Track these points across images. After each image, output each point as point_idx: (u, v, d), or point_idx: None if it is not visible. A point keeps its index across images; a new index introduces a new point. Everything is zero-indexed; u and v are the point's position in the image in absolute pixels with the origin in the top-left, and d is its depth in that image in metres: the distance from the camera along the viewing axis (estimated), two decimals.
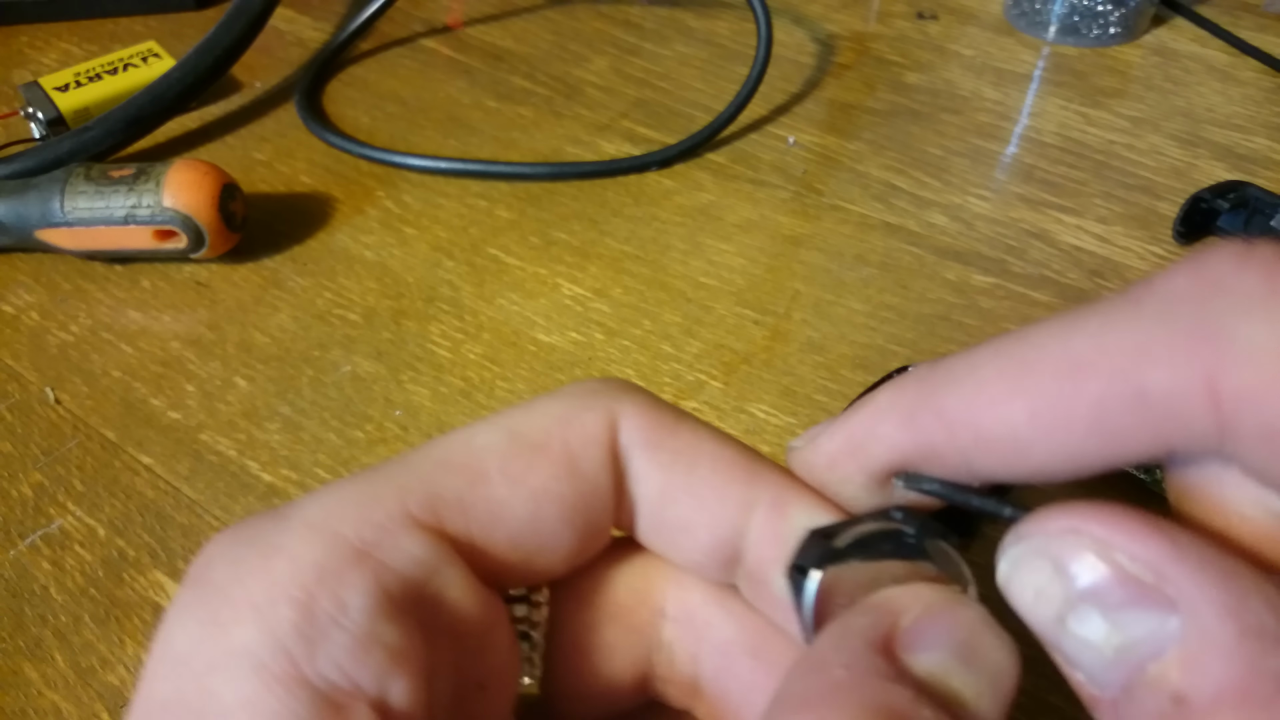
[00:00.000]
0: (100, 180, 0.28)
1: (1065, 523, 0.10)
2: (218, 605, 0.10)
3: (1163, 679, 0.09)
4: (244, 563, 0.10)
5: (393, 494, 0.11)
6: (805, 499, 0.12)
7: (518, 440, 0.12)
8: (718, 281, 0.30)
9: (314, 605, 0.10)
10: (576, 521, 0.12)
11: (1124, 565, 0.09)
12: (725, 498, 0.12)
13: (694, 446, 0.12)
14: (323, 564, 0.10)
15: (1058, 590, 0.10)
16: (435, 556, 0.11)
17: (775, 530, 0.12)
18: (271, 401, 0.26)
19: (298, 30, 0.42)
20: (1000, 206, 0.33)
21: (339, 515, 0.11)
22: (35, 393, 0.26)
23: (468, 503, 0.11)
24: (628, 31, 0.42)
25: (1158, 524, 0.10)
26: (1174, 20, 0.43)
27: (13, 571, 0.22)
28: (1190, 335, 0.09)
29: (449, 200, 0.33)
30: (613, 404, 0.12)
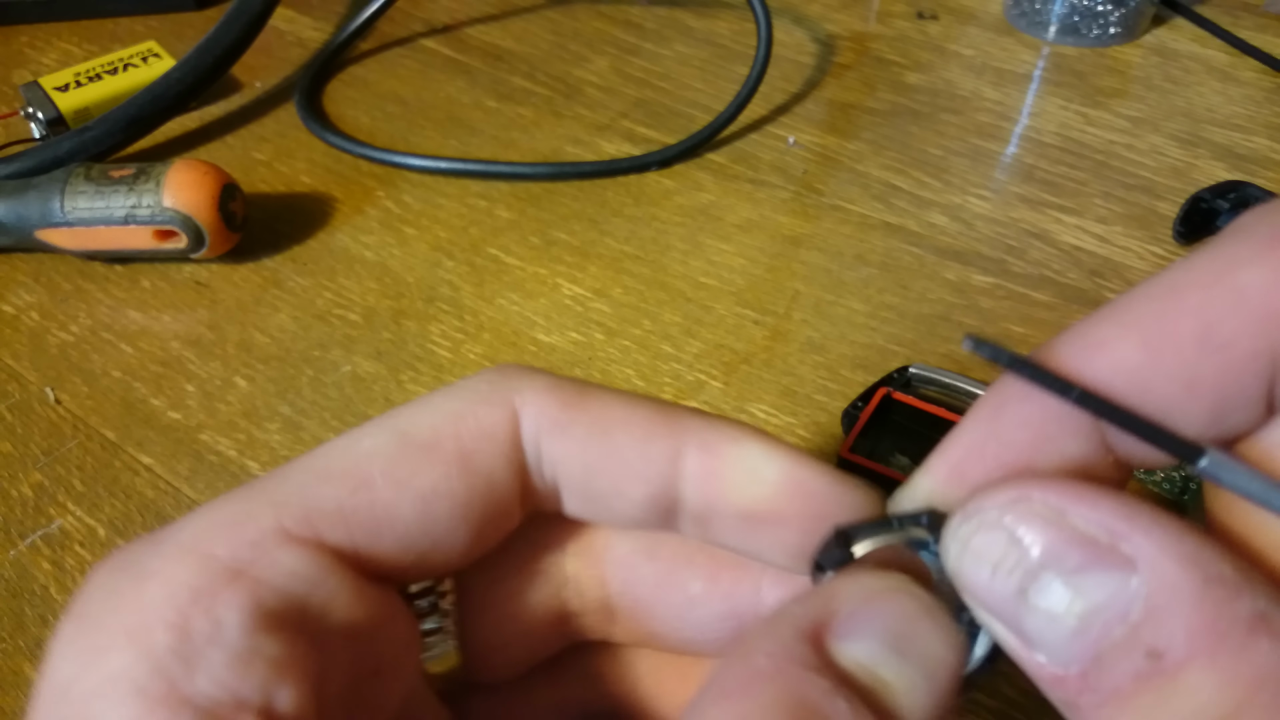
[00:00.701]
0: (100, 180, 0.28)
1: (1013, 492, 0.10)
2: (94, 634, 0.10)
3: (1133, 638, 0.09)
4: (118, 591, 0.10)
5: (266, 510, 0.11)
6: (732, 435, 0.12)
7: (405, 442, 0.12)
8: (718, 281, 0.30)
9: (189, 626, 0.10)
10: (472, 518, 0.12)
11: (1079, 527, 0.09)
12: (649, 456, 0.12)
13: (604, 415, 0.12)
14: (195, 585, 0.10)
15: (1016, 561, 0.10)
16: (313, 569, 0.11)
17: (711, 471, 0.12)
18: (271, 401, 0.26)
19: (298, 30, 0.42)
20: (1000, 206, 0.33)
21: (211, 536, 0.11)
22: (35, 393, 0.26)
23: (348, 511, 0.11)
24: (628, 31, 0.42)
25: (1104, 488, 0.10)
26: (1174, 20, 0.43)
27: (13, 571, 0.22)
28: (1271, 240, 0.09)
29: (449, 200, 0.33)
30: (510, 394, 0.12)
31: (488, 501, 0.12)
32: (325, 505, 0.11)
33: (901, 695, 0.10)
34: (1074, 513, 0.09)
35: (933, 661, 0.10)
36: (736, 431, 0.12)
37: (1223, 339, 0.09)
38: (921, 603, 0.11)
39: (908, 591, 0.11)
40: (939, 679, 0.10)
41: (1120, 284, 0.30)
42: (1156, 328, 0.10)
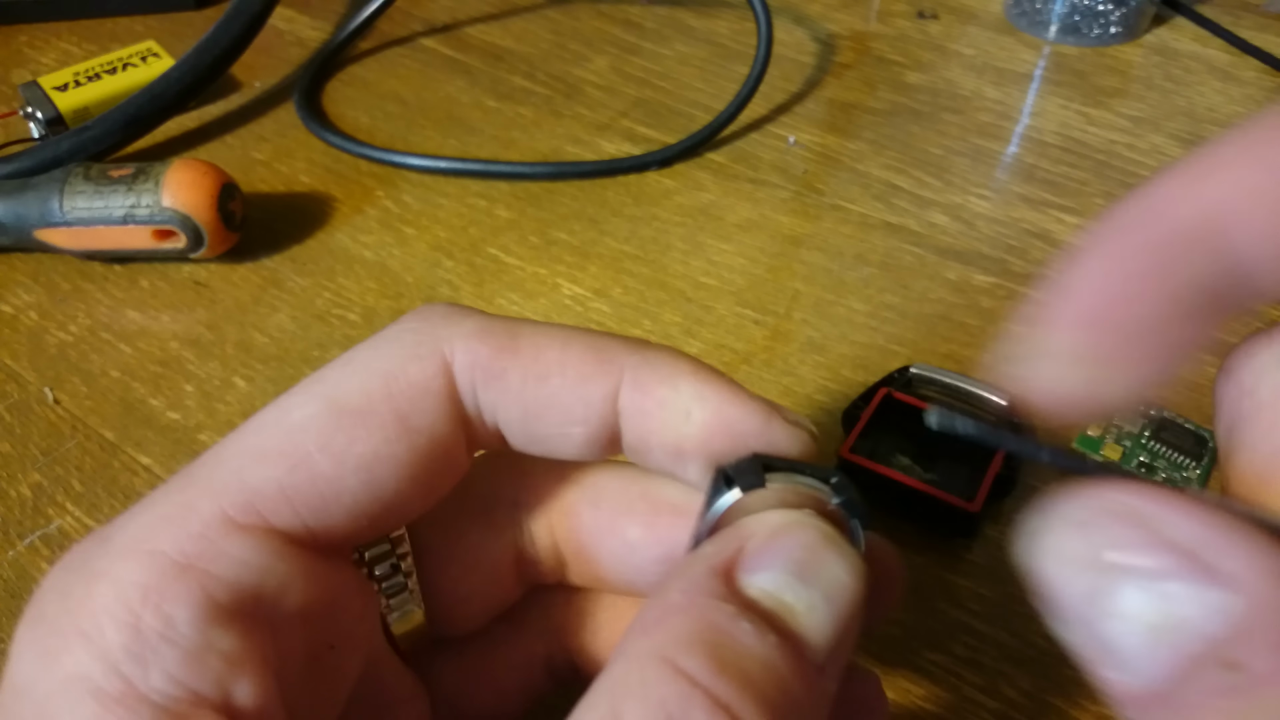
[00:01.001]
0: (99, 180, 0.28)
1: (1105, 496, 0.09)
2: (48, 636, 0.10)
3: (1219, 654, 0.08)
4: (70, 592, 0.10)
5: (207, 500, 0.11)
6: (664, 373, 0.12)
7: (338, 409, 0.11)
8: (718, 281, 0.30)
9: (140, 624, 0.10)
10: (419, 476, 0.12)
11: (1168, 534, 0.09)
12: (586, 399, 0.12)
13: (538, 357, 0.12)
14: (144, 583, 0.10)
15: (1091, 561, 0.09)
16: (262, 555, 0.11)
17: (644, 410, 0.12)
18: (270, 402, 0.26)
19: (297, 30, 0.42)
20: (1001, 206, 0.33)
21: (155, 531, 0.10)
22: (34, 393, 0.26)
23: (290, 490, 0.11)
24: (628, 31, 0.42)
25: (1197, 499, 0.09)
26: (1174, 20, 0.43)
27: (12, 572, 0.22)
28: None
29: (448, 200, 0.33)
30: (439, 344, 0.12)
31: (432, 457, 0.12)
32: (266, 487, 0.11)
33: (804, 616, 0.11)
34: (1165, 521, 0.09)
35: (834, 584, 0.11)
36: (669, 368, 0.12)
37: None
38: (822, 532, 0.11)
39: (810, 524, 0.11)
40: (840, 601, 0.11)
41: None
42: (1265, 153, 0.09)
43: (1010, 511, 0.23)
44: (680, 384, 0.12)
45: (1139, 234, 0.10)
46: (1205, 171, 0.10)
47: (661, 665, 0.10)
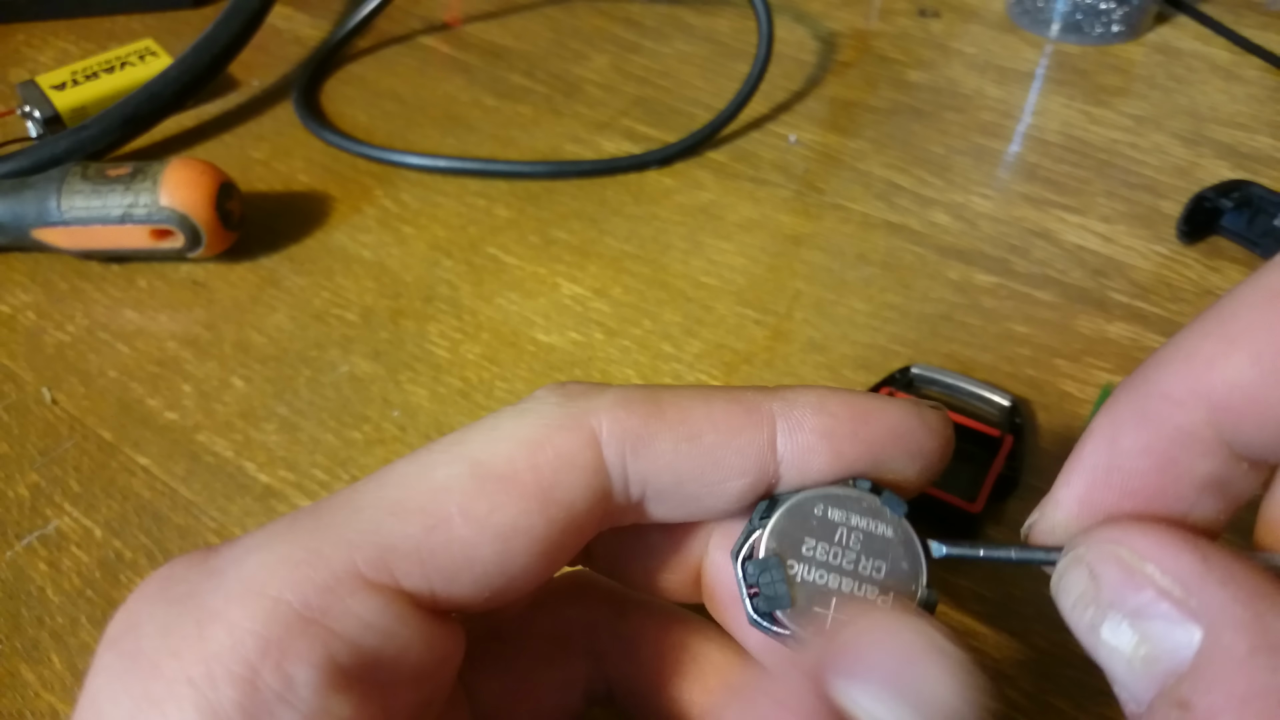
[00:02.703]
0: (97, 179, 0.28)
1: (1109, 534, 0.10)
2: (150, 679, 0.09)
3: (1176, 689, 0.09)
4: (176, 630, 0.09)
5: (340, 549, 0.10)
6: (812, 406, 0.12)
7: (482, 473, 0.11)
8: (718, 281, 0.30)
9: (258, 682, 0.09)
10: (551, 552, 0.11)
11: (1154, 577, 0.10)
12: (742, 448, 0.12)
13: (685, 418, 0.12)
14: (264, 634, 0.09)
15: (1092, 597, 0.10)
16: (389, 618, 0.10)
17: (806, 448, 0.12)
18: (269, 402, 0.26)
19: (295, 28, 0.42)
20: (1003, 205, 0.32)
21: (280, 576, 0.10)
22: (32, 393, 0.26)
23: (425, 552, 0.10)
24: (628, 29, 0.42)
25: (1194, 541, 0.10)
26: (1177, 18, 0.42)
27: (9, 573, 0.22)
28: None
29: (447, 199, 0.33)
30: (585, 416, 0.12)
31: (566, 532, 0.11)
32: (401, 545, 0.10)
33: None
34: (1155, 562, 0.10)
35: (933, 704, 0.10)
36: (815, 399, 0.12)
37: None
38: (925, 640, 0.10)
39: (912, 628, 0.10)
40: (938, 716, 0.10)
41: (1124, 283, 0.30)
42: (1266, 340, 0.10)
43: (1012, 512, 0.23)
44: (833, 408, 0.12)
45: (1142, 433, 0.11)
46: (1209, 359, 0.10)
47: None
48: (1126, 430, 0.11)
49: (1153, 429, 0.11)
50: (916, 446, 0.13)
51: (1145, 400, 0.11)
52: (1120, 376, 0.26)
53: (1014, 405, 0.24)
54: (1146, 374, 0.11)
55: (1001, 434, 0.23)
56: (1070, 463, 0.11)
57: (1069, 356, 0.27)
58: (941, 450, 0.13)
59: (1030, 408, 0.25)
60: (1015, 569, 0.21)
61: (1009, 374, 0.26)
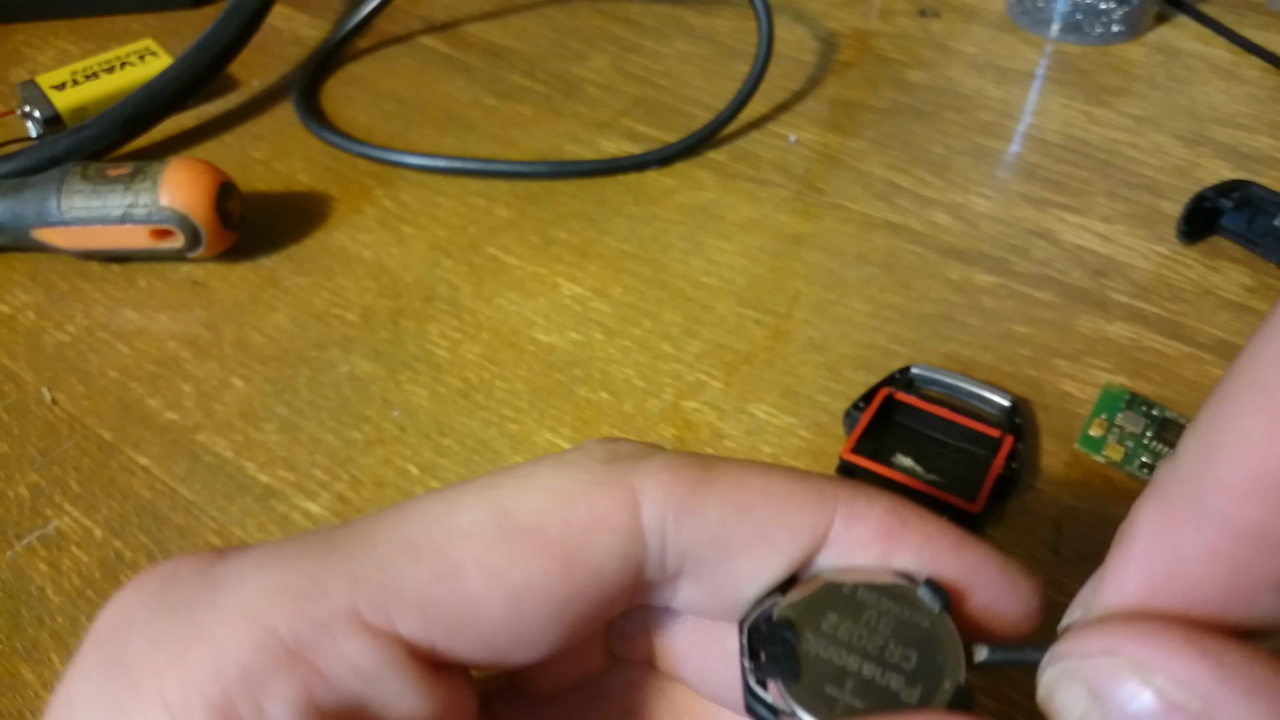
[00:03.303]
0: (97, 179, 0.28)
1: (1102, 640, 0.09)
2: (125, 691, 0.09)
3: None
4: (161, 643, 0.09)
5: (342, 584, 0.10)
6: (877, 499, 0.11)
7: (505, 524, 0.10)
8: (718, 281, 0.30)
9: (231, 712, 0.09)
10: (569, 619, 0.10)
11: (1167, 692, 0.08)
12: (797, 531, 0.11)
13: (737, 490, 0.11)
14: (247, 663, 0.09)
15: (1096, 718, 0.09)
16: (380, 665, 0.09)
17: (855, 541, 0.11)
18: (269, 402, 0.26)
19: (295, 28, 0.42)
20: (1003, 205, 0.32)
21: (276, 604, 0.09)
22: (32, 393, 0.26)
23: (431, 602, 0.10)
24: (628, 29, 0.42)
25: (1201, 640, 0.09)
26: (1177, 18, 0.42)
27: (9, 573, 0.22)
28: None
29: (447, 199, 0.33)
30: (630, 475, 0.11)
31: (589, 600, 0.10)
32: (406, 589, 0.10)
33: None
34: (1164, 673, 0.08)
35: None
36: (879, 499, 0.11)
37: None
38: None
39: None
40: None
41: (1124, 283, 0.29)
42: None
43: (1012, 512, 0.23)
44: (904, 515, 0.11)
45: (1204, 534, 0.09)
46: (1265, 439, 0.08)
47: None
48: (1185, 531, 0.09)
49: (1216, 529, 0.09)
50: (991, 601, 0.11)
51: (1202, 494, 0.09)
52: (1120, 376, 0.26)
53: (1014, 405, 0.24)
54: (1194, 462, 0.09)
55: (1001, 434, 0.23)
56: (1119, 563, 0.10)
57: (1069, 356, 0.27)
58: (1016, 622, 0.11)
59: (1030, 408, 0.25)
60: None
61: (1009, 374, 0.26)
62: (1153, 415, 0.24)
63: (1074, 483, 0.23)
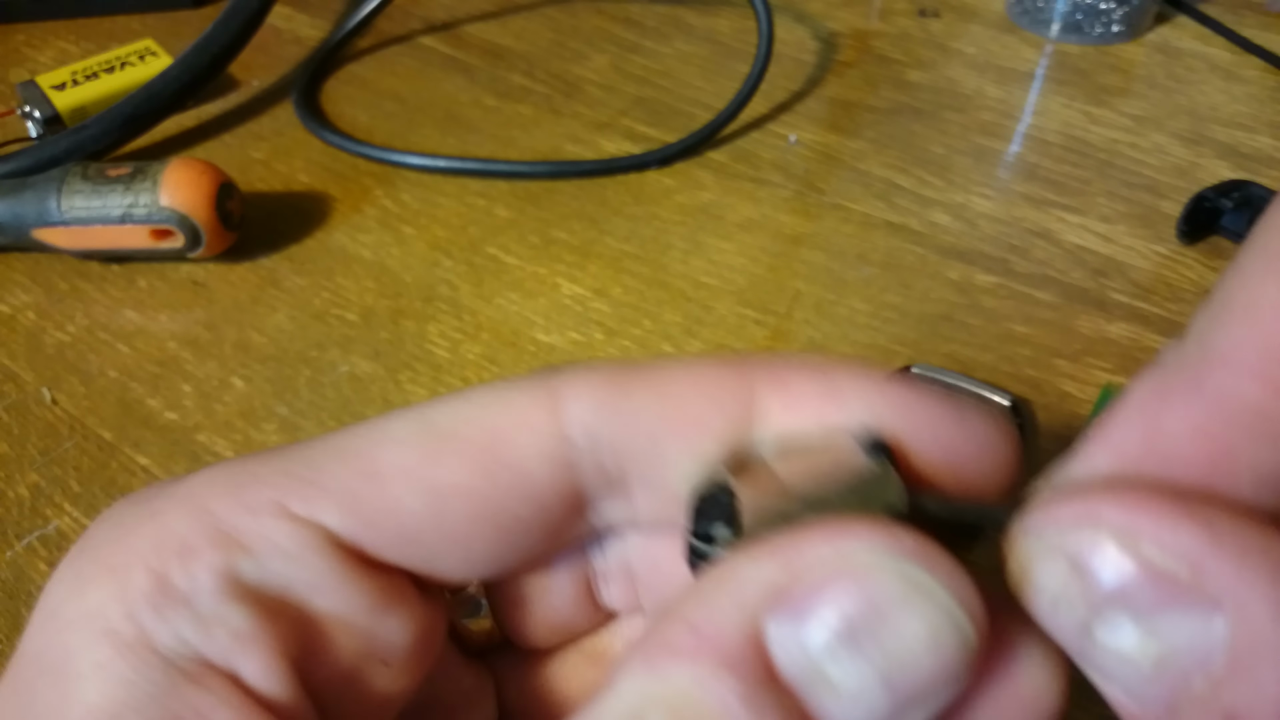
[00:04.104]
0: (97, 179, 0.28)
1: (1080, 508, 0.08)
2: (84, 565, 0.10)
3: (1213, 696, 0.07)
4: (123, 525, 0.10)
5: (275, 478, 0.10)
6: (805, 367, 0.11)
7: (427, 430, 0.11)
8: (718, 281, 0.30)
9: (167, 576, 0.10)
10: (499, 521, 0.11)
11: (1154, 560, 0.08)
12: (722, 407, 0.10)
13: (659, 379, 0.11)
14: (184, 537, 0.10)
15: (1079, 595, 0.08)
16: (302, 550, 0.10)
17: (789, 409, 0.10)
18: (269, 402, 0.26)
19: (295, 28, 0.42)
20: (1003, 205, 0.33)
21: (214, 492, 0.10)
22: (32, 393, 0.26)
23: (353, 497, 0.10)
24: (628, 29, 0.42)
25: (1190, 505, 0.08)
26: (1177, 18, 0.42)
27: (9, 573, 0.22)
28: None
29: (447, 199, 0.33)
30: (553, 381, 0.11)
31: (517, 500, 0.11)
32: (330, 485, 0.10)
33: (841, 700, 0.08)
34: (1151, 539, 0.08)
35: (901, 659, 0.08)
36: (807, 366, 0.10)
37: None
38: (910, 580, 0.08)
39: (892, 567, 0.08)
40: (907, 684, 0.08)
41: (1124, 283, 0.29)
42: None
43: None
44: (837, 379, 0.10)
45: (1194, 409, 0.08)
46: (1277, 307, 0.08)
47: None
48: (1175, 404, 0.08)
49: (1209, 405, 0.08)
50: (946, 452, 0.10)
51: (1201, 366, 0.08)
52: (1120, 377, 0.26)
53: (1014, 405, 0.24)
54: (1198, 337, 0.08)
55: None
56: (1096, 435, 0.09)
57: (1069, 356, 0.27)
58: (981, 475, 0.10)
59: (1030, 407, 0.25)
60: None
61: (1009, 374, 0.26)
62: None
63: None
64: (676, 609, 0.09)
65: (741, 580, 0.09)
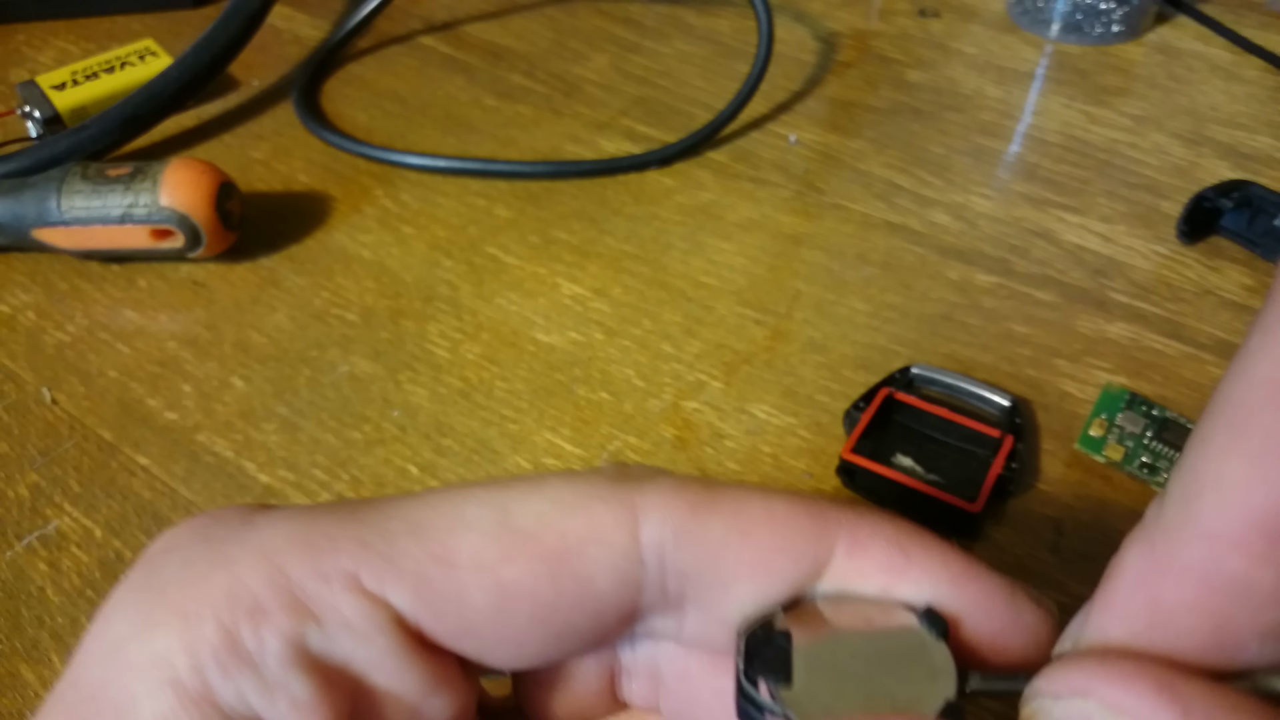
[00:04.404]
0: (97, 179, 0.28)
1: (1074, 683, 0.09)
2: (154, 603, 0.10)
3: None
4: (192, 566, 0.10)
5: (350, 546, 0.10)
6: (881, 528, 0.11)
7: (504, 523, 0.11)
8: (718, 281, 0.30)
9: (237, 634, 0.10)
10: (554, 626, 0.11)
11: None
12: (799, 557, 0.11)
13: (739, 512, 0.11)
14: (258, 595, 0.10)
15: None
16: (368, 625, 0.10)
17: (857, 572, 0.11)
18: (269, 402, 0.26)
19: (295, 28, 0.42)
20: (1003, 205, 0.33)
21: (290, 550, 0.10)
22: (32, 393, 0.26)
23: (422, 580, 0.10)
24: (628, 29, 0.42)
25: (1172, 682, 0.08)
26: (1177, 18, 0.42)
27: (9, 573, 0.22)
28: None
29: (447, 199, 0.33)
30: (633, 494, 0.11)
31: (578, 612, 0.11)
32: (403, 563, 0.10)
33: None
34: (1132, 715, 0.08)
35: None
36: (890, 532, 0.11)
37: None
38: None
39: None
40: None
41: (1124, 283, 0.30)
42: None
43: (1011, 512, 0.23)
44: (906, 545, 0.11)
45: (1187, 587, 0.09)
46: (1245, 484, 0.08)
47: None
48: (1167, 584, 0.09)
49: (1197, 582, 0.09)
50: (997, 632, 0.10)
51: (1183, 545, 0.09)
52: (1120, 376, 0.26)
53: (1014, 405, 0.24)
54: (1177, 508, 0.09)
55: (1001, 434, 0.23)
56: (1104, 605, 0.09)
57: (1069, 356, 0.27)
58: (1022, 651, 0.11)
59: (1030, 407, 0.25)
60: None
61: (1009, 374, 0.26)
62: (1153, 415, 0.24)
63: (1074, 483, 0.23)
64: None
65: None
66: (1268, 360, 0.08)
